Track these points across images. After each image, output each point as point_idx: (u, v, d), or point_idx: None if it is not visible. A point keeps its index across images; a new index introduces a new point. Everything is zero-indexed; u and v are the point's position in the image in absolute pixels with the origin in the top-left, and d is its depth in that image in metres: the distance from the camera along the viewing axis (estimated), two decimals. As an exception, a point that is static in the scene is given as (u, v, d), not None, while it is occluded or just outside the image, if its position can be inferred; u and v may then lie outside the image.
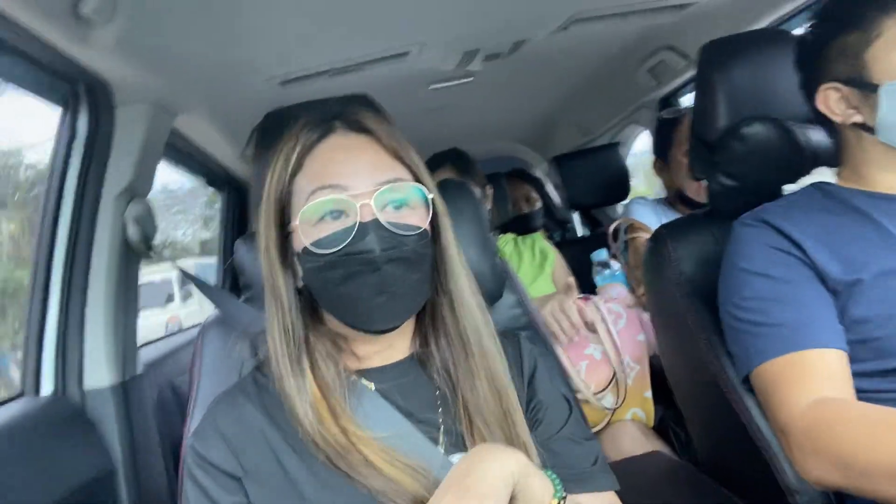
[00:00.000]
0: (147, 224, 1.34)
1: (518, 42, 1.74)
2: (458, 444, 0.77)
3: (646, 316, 1.63)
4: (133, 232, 1.32)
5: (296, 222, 0.74)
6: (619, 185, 2.50)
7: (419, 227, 0.75)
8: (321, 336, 0.79)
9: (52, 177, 1.27)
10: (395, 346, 0.82)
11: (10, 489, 1.00)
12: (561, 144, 3.20)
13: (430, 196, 0.77)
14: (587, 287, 1.87)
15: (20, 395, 1.24)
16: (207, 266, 3.15)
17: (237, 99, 1.66)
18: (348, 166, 0.74)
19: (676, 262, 1.20)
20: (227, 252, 2.44)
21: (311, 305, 0.80)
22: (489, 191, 1.98)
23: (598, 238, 2.28)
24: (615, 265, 1.79)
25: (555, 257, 2.00)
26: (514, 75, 2.14)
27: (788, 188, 1.09)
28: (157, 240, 1.40)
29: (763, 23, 1.68)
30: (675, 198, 1.95)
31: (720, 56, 1.17)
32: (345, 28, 1.45)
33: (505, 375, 0.80)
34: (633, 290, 1.72)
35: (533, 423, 0.81)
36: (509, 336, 0.89)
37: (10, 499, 1.00)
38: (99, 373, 1.29)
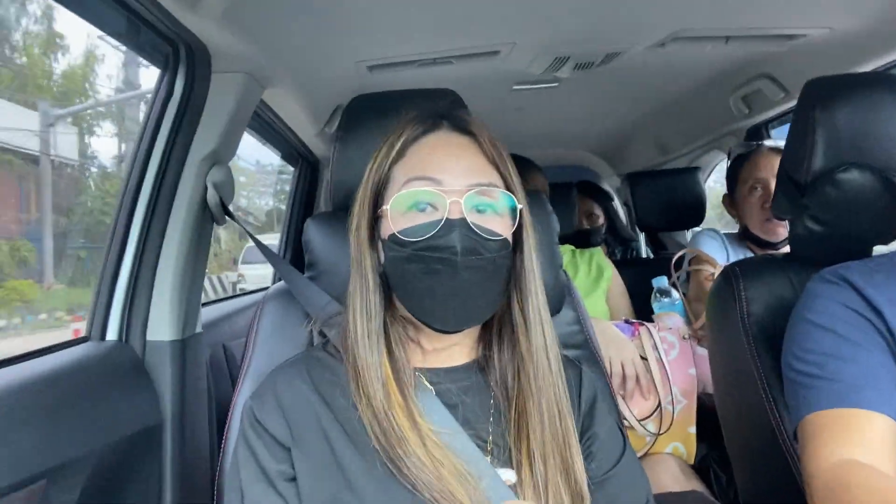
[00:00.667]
0: (225, 190, 1.38)
1: (612, 54, 1.71)
2: (505, 458, 0.77)
3: (700, 351, 1.59)
4: (212, 196, 1.35)
5: (386, 207, 0.76)
6: (692, 211, 2.42)
7: (501, 235, 0.75)
8: (395, 322, 0.81)
9: (144, 133, 1.31)
10: (460, 349, 0.83)
11: (67, 427, 1.05)
12: (636, 160, 3.13)
13: (520, 207, 0.78)
14: (643, 312, 1.83)
15: (86, 338, 1.30)
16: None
17: (325, 78, 1.69)
18: (446, 163, 0.76)
19: (745, 301, 1.16)
20: (292, 224, 2.49)
21: (388, 291, 0.81)
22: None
23: (661, 262, 2.23)
24: (676, 294, 1.75)
25: (612, 275, 1.96)
26: (600, 85, 2.10)
27: (878, 250, 1.04)
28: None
29: (871, 65, 1.60)
30: (743, 234, 1.88)
31: (824, 94, 1.12)
32: (438, 21, 1.46)
33: (565, 398, 0.79)
34: (690, 323, 1.68)
35: (586, 455, 0.80)
36: (571, 362, 0.88)
37: (67, 436, 1.04)
38: (161, 326, 1.33)
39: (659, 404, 1.52)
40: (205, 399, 1.43)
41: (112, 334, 1.30)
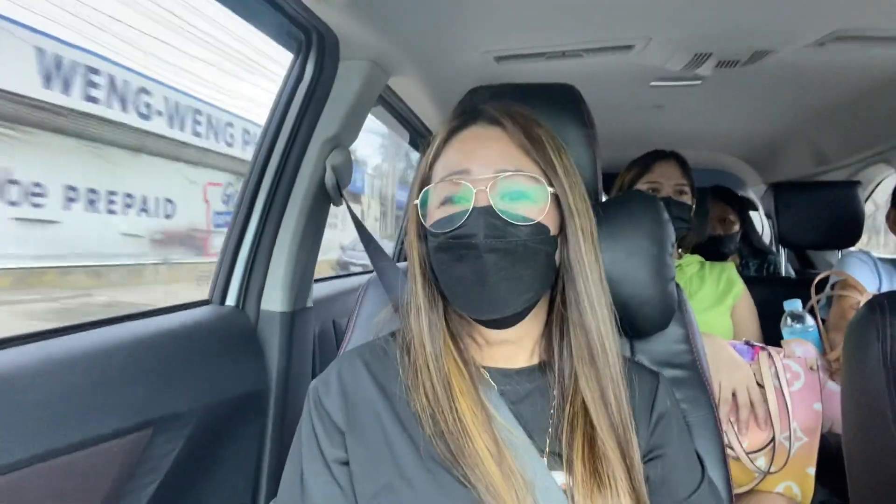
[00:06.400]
0: (343, 173, 1.42)
1: (761, 51, 1.56)
2: (559, 461, 0.75)
3: (832, 386, 1.43)
4: (330, 178, 1.40)
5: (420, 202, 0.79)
6: (845, 230, 2.17)
7: (532, 220, 0.74)
8: (453, 315, 0.83)
9: (274, 113, 1.38)
10: (520, 349, 0.83)
11: (179, 382, 1.14)
12: (788, 169, 2.86)
13: (551, 191, 0.76)
14: (773, 336, 1.67)
15: (207, 301, 1.40)
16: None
17: (451, 68, 1.69)
18: (475, 154, 0.77)
19: (890, 339, 1.03)
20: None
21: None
22: (693, 203, 1.82)
23: (802, 283, 2.02)
24: (810, 320, 1.58)
25: (741, 292, 1.79)
26: (748, 85, 1.93)
27: None
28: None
29: None
30: None
31: None
32: (569, 13, 1.40)
33: (625, 400, 0.76)
34: (824, 353, 1.51)
35: (656, 478, 0.77)
36: (648, 370, 0.85)
37: (177, 390, 1.13)
38: (274, 298, 1.41)
39: (773, 438, 1.38)
40: (309, 370, 1.50)
41: (231, 300, 1.40)
